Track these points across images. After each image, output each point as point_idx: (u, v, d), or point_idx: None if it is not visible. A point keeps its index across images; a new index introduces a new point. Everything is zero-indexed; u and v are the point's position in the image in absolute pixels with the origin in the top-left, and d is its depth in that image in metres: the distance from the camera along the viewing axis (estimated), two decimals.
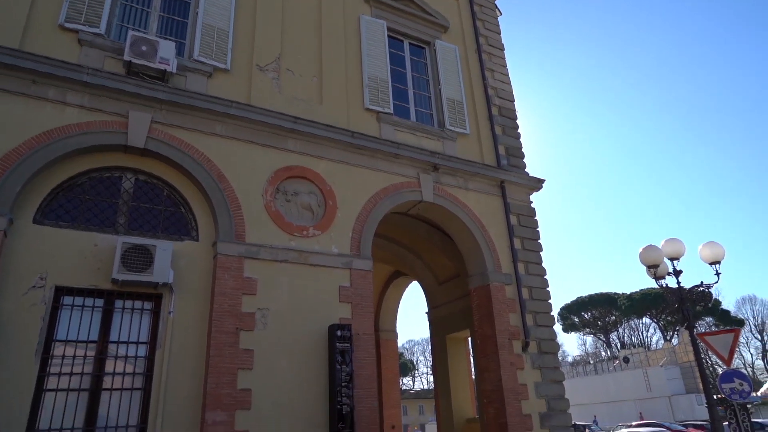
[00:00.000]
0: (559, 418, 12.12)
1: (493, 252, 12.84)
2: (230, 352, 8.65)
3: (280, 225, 10.05)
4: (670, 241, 11.00)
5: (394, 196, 11.90)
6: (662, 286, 11.14)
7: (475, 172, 13.28)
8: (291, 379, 9.11)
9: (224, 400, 8.30)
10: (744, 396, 9.67)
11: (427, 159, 12.51)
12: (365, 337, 10.09)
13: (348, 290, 10.24)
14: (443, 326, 15.38)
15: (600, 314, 74.28)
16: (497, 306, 12.29)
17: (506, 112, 15.10)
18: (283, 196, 10.42)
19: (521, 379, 11.91)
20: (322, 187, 10.86)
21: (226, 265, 9.14)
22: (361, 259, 10.65)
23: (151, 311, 8.69)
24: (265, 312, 9.23)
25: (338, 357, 9.28)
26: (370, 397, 9.71)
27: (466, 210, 12.89)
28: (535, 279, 13.28)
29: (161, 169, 9.49)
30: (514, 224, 13.56)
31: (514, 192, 13.94)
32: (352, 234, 10.84)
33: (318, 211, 10.69)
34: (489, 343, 12.14)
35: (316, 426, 9.01)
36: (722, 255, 10.82)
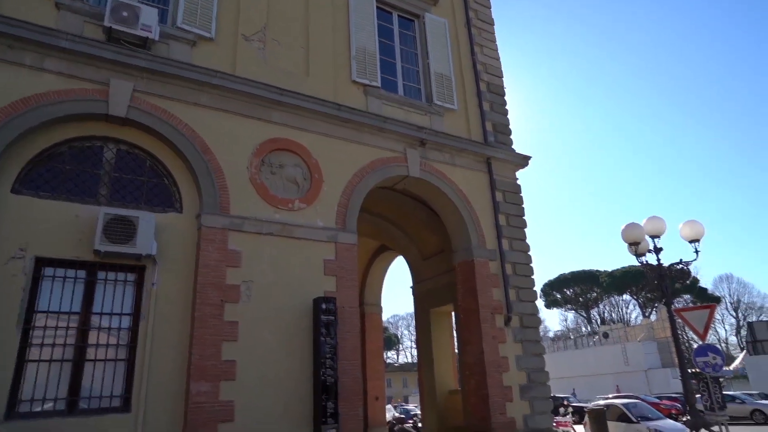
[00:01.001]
0: (538, 389, 12.41)
1: (478, 228, 12.93)
2: (215, 323, 8.67)
3: (265, 197, 9.98)
4: (652, 219, 11.15)
5: (380, 171, 11.86)
6: (643, 263, 11.33)
7: (462, 148, 13.26)
8: (276, 350, 9.17)
9: (209, 371, 8.35)
10: (717, 369, 9.98)
11: (414, 134, 12.44)
12: (350, 310, 10.16)
13: (333, 263, 10.27)
14: (427, 300, 15.55)
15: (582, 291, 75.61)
16: (481, 281, 12.43)
17: (494, 88, 15.03)
18: (268, 169, 10.33)
19: (503, 352, 12.14)
20: (308, 160, 10.78)
21: (210, 237, 9.09)
22: (346, 233, 10.66)
23: (135, 283, 8.64)
24: (249, 284, 9.23)
25: (323, 329, 9.35)
26: (354, 369, 9.83)
27: (452, 186, 12.91)
28: (518, 255, 13.42)
29: (144, 139, 9.33)
30: (500, 201, 13.63)
31: (501, 169, 13.97)
32: (338, 208, 10.81)
33: (303, 184, 10.63)
34: (472, 317, 12.32)
35: (300, 397, 9.13)
36: (702, 233, 11.01)
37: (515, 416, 11.76)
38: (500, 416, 11.48)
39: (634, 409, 15.00)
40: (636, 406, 15.49)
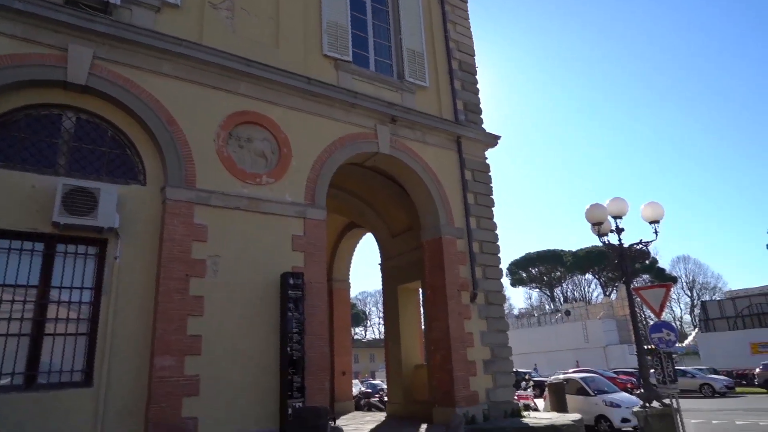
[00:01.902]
0: (501, 364, 12.76)
1: (446, 206, 13.03)
2: (180, 298, 8.56)
3: (232, 171, 9.81)
4: (615, 200, 11.41)
5: (350, 147, 11.78)
6: (605, 242, 11.63)
7: (433, 126, 13.27)
8: (242, 325, 9.14)
9: (173, 346, 8.27)
10: (670, 345, 10.41)
11: (385, 110, 12.37)
12: (317, 285, 10.17)
13: (301, 239, 10.22)
14: (395, 277, 15.68)
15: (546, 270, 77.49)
16: (448, 258, 12.59)
17: (466, 66, 15.02)
18: (236, 142, 10.14)
19: (468, 328, 12.39)
20: (277, 134, 10.61)
21: (175, 210, 8.91)
22: (315, 209, 10.60)
23: (96, 256, 8.42)
24: (216, 259, 9.12)
25: (290, 305, 9.35)
26: (321, 344, 9.89)
27: (422, 163, 12.94)
28: (486, 233, 13.62)
29: (105, 108, 9.00)
30: (469, 179, 13.75)
31: (470, 148, 14.05)
32: (307, 183, 10.72)
33: (272, 158, 10.48)
34: (439, 293, 12.50)
35: (267, 371, 9.14)
36: (661, 215, 11.34)
37: (478, 390, 12.08)
38: (464, 390, 11.77)
39: (591, 383, 15.60)
40: (594, 381, 16.10)
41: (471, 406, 11.73)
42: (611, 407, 14.22)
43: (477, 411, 11.76)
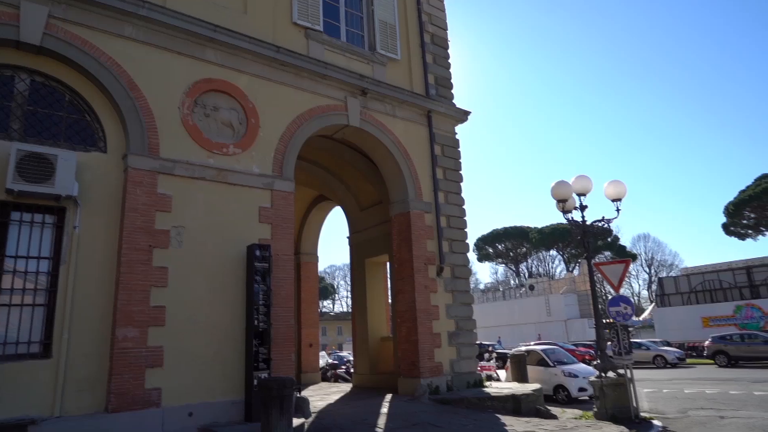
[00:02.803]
0: (465, 336, 13.04)
1: (415, 180, 13.07)
2: (143, 269, 8.40)
3: (197, 140, 9.57)
4: (580, 178, 11.66)
5: (320, 118, 11.62)
6: (569, 219, 11.90)
7: (404, 99, 13.19)
8: (208, 297, 9.05)
9: (136, 317, 8.15)
10: (626, 318, 10.82)
11: (356, 82, 12.21)
12: (285, 258, 10.12)
13: (268, 211, 10.11)
14: (363, 250, 15.74)
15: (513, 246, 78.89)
16: (416, 232, 12.68)
17: (438, 40, 14.89)
18: (201, 110, 9.87)
19: (434, 301, 12.59)
20: (245, 103, 10.38)
21: (137, 179, 8.67)
22: (283, 180, 10.48)
23: (54, 225, 8.16)
24: (180, 230, 8.96)
25: (256, 277, 9.30)
26: (288, 316, 9.90)
27: (391, 137, 12.89)
28: (453, 208, 13.74)
29: (62, 71, 8.61)
30: (438, 154, 13.78)
31: (440, 122, 14.05)
32: (275, 154, 10.57)
33: (239, 128, 10.26)
34: (406, 267, 12.62)
35: (232, 342, 9.12)
36: (624, 193, 11.64)
37: (443, 361, 12.35)
38: (428, 361, 12.02)
39: (551, 355, 16.12)
40: (554, 352, 16.64)
41: (435, 377, 12.00)
42: (569, 377, 14.76)
43: (441, 381, 12.04)
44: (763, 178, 52.72)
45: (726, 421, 9.81)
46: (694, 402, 12.94)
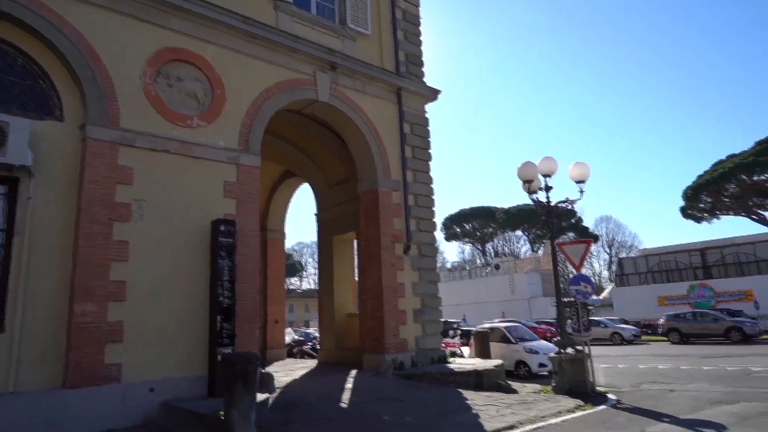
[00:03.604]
0: (430, 313, 13.23)
1: (384, 158, 13.03)
2: (102, 243, 8.17)
3: (160, 112, 9.29)
4: (546, 159, 11.83)
5: (288, 93, 11.41)
6: (534, 200, 12.10)
7: (374, 76, 13.06)
8: (171, 272, 8.89)
9: (95, 292, 7.95)
10: (586, 296, 11.16)
11: (326, 57, 12.01)
12: (250, 234, 10.00)
13: (234, 186, 9.94)
14: (331, 228, 15.69)
15: (480, 225, 79.95)
16: (384, 210, 12.70)
17: (410, 17, 14.73)
18: (164, 81, 9.55)
19: (400, 278, 12.69)
20: (210, 74, 10.09)
21: (97, 150, 8.37)
22: (249, 155, 10.29)
23: (6, 196, 7.83)
24: (142, 203, 8.72)
25: (221, 252, 9.17)
26: (253, 292, 9.83)
27: (361, 114, 12.78)
28: (421, 187, 13.79)
29: (14, 33, 8.16)
30: (407, 133, 13.75)
31: (410, 100, 13.99)
32: (241, 128, 10.35)
33: (204, 100, 9.99)
34: (373, 244, 12.66)
35: (196, 318, 9.01)
36: (587, 175, 11.89)
37: (408, 338, 12.52)
38: (393, 338, 12.17)
39: (514, 332, 16.53)
40: (516, 329, 17.07)
41: (400, 353, 12.17)
42: (530, 354, 15.19)
43: (405, 357, 12.22)
44: (720, 164, 54.57)
45: (675, 394, 10.29)
46: (647, 377, 13.51)
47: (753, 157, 51.15)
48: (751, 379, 12.15)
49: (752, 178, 51.66)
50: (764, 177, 51.42)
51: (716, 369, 14.38)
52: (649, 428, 7.25)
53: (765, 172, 51.20)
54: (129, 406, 7.93)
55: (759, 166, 50.89)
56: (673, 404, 9.16)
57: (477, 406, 8.92)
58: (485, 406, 8.90)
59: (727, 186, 53.55)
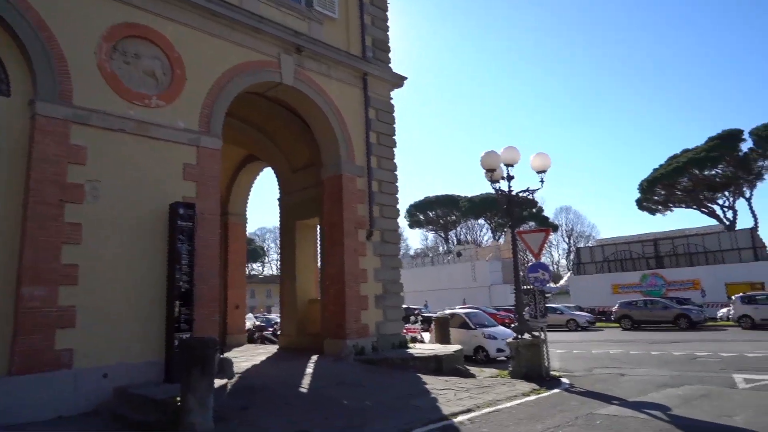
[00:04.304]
0: (392, 299, 13.33)
1: (348, 143, 12.96)
2: (53, 225, 7.87)
3: (116, 89, 8.95)
4: (508, 149, 11.99)
5: (252, 74, 11.18)
6: (496, 189, 12.27)
7: (340, 60, 12.92)
8: (127, 255, 8.65)
9: (45, 275, 7.67)
10: (544, 284, 11.45)
11: (291, 39, 11.80)
12: (210, 217, 9.81)
13: (193, 168, 9.71)
14: (294, 213, 15.55)
15: (443, 213, 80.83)
16: (347, 196, 12.66)
17: (378, 2, 14.60)
18: (121, 57, 9.20)
19: (362, 264, 12.72)
20: (170, 53, 9.77)
21: (47, 128, 8.02)
22: (210, 137, 10.05)
23: None
24: (96, 184, 8.43)
25: (180, 236, 8.98)
26: (212, 277, 9.67)
27: (326, 98, 12.65)
28: (386, 173, 13.80)
29: None
30: (372, 118, 13.70)
31: (376, 86, 13.93)
32: (202, 109, 10.09)
33: (163, 79, 9.68)
34: (336, 230, 12.62)
35: (153, 303, 8.81)
36: (548, 165, 12.11)
37: (369, 323, 12.60)
38: (355, 323, 12.22)
39: (473, 318, 16.83)
40: (475, 316, 17.38)
41: (361, 339, 12.23)
42: (489, 339, 15.51)
43: (366, 343, 12.30)
44: (675, 158, 56.65)
45: (625, 378, 10.71)
46: (600, 361, 14.01)
47: (705, 152, 53.31)
48: (695, 363, 12.76)
49: (703, 173, 53.91)
50: (715, 172, 53.75)
51: (664, 354, 15.02)
52: (599, 410, 7.53)
53: (715, 167, 53.51)
54: (81, 392, 7.72)
55: (710, 161, 53.12)
56: (622, 387, 9.54)
57: (435, 390, 9.07)
58: (444, 390, 9.07)
59: (680, 180, 55.73)
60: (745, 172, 52.62)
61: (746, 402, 7.84)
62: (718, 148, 52.48)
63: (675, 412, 7.25)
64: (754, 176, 53.05)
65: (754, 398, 8.11)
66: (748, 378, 9.94)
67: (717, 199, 55.99)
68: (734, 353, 14.30)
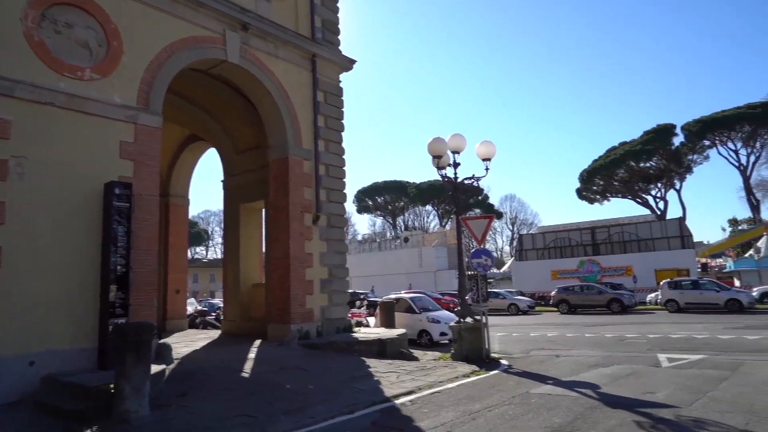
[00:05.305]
0: (338, 284, 13.32)
1: (295, 126, 12.74)
2: None
3: (45, 60, 8.39)
4: (455, 136, 12.13)
5: (194, 50, 10.75)
6: (442, 175, 12.41)
7: (288, 40, 12.62)
8: (57, 237, 8.19)
9: None
10: (486, 269, 11.72)
11: (237, 15, 11.41)
12: (149, 198, 9.42)
13: (131, 146, 9.27)
14: (238, 195, 15.18)
15: (392, 199, 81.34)
16: (294, 179, 12.48)
17: None
18: (51, 26, 8.62)
19: (308, 248, 12.61)
20: (105, 24, 9.24)
21: None
22: (149, 114, 9.61)
23: None
24: (21, 161, 7.90)
25: (116, 217, 8.57)
26: (150, 260, 9.32)
27: (272, 78, 12.35)
28: (333, 157, 13.68)
29: None
30: (321, 101, 13.52)
31: (325, 69, 13.72)
32: (141, 84, 9.62)
33: (98, 51, 9.15)
34: (282, 214, 12.43)
35: (85, 287, 8.40)
36: (493, 153, 12.35)
37: (314, 308, 12.55)
38: (300, 308, 12.13)
39: (418, 303, 17.08)
40: (420, 300, 17.64)
41: (306, 323, 12.18)
42: (432, 323, 15.79)
43: (311, 327, 12.26)
44: (613, 150, 59.25)
45: (560, 359, 11.19)
46: (537, 344, 14.57)
47: (641, 145, 56.05)
48: (624, 344, 13.49)
49: (639, 165, 56.73)
50: (649, 164, 56.68)
51: (597, 336, 15.80)
52: (535, 390, 7.84)
53: (650, 160, 56.43)
54: (4, 382, 7.30)
55: (645, 153, 55.93)
56: (557, 368, 9.96)
57: (379, 373, 9.16)
58: (387, 373, 9.18)
59: (618, 171, 58.44)
60: (677, 165, 55.77)
61: (668, 379, 8.36)
62: (652, 142, 55.30)
63: (604, 390, 7.65)
64: (684, 169, 56.34)
65: (675, 376, 8.67)
66: (671, 357, 10.62)
67: (650, 190, 59.14)
68: (660, 335, 15.23)
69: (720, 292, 24.98)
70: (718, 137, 54.28)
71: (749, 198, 54.76)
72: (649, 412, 6.28)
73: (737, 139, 53.90)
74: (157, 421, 6.24)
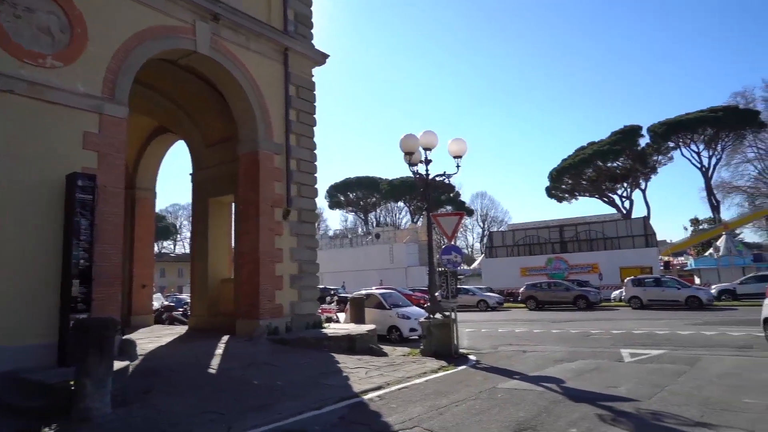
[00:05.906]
0: (308, 279, 13.25)
1: (266, 119, 12.60)
2: None
3: (4, 46, 8.09)
4: (427, 133, 12.17)
5: (163, 40, 10.52)
6: (414, 172, 12.45)
7: (260, 32, 12.46)
8: (15, 229, 7.92)
9: None
10: (456, 265, 11.83)
11: (208, 6, 11.22)
12: (114, 191, 9.19)
13: (95, 137, 9.01)
14: (207, 189, 14.93)
15: (363, 195, 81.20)
16: (264, 174, 12.35)
17: None
18: (10, 10, 8.30)
19: (278, 244, 12.51)
20: (69, 9, 8.95)
21: None
22: (114, 104, 9.36)
23: None
24: None
25: (78, 210, 8.32)
26: (114, 254, 9.10)
27: (244, 71, 12.18)
28: (305, 152, 13.58)
29: None
30: (293, 95, 13.40)
31: (297, 62, 13.59)
32: (106, 74, 9.37)
33: (61, 37, 8.86)
34: (251, 208, 12.29)
35: (45, 281, 8.14)
36: (465, 150, 12.44)
37: (283, 303, 12.46)
38: (269, 303, 12.03)
39: (388, 299, 17.15)
40: (390, 296, 17.71)
41: (275, 319, 12.08)
42: (402, 319, 15.87)
43: (280, 323, 12.17)
44: (581, 150, 60.44)
45: (527, 355, 11.39)
46: (505, 339, 14.79)
47: (608, 145, 57.34)
48: (589, 340, 13.81)
49: (606, 165, 58.05)
50: (616, 164, 58.06)
51: (563, 332, 16.13)
52: (502, 384, 7.96)
53: (617, 160, 57.80)
54: None
55: (613, 154, 57.25)
56: (524, 363, 10.13)
57: (348, 369, 9.16)
58: (356, 369, 9.18)
59: (586, 170, 59.68)
60: (642, 165, 57.27)
61: (630, 374, 8.60)
62: (619, 142, 56.62)
63: (568, 384, 7.81)
64: (649, 169, 57.91)
65: (637, 370, 8.92)
66: (633, 352, 10.92)
67: (617, 189, 60.60)
68: (623, 330, 15.63)
69: (681, 289, 25.77)
70: (682, 139, 55.90)
71: (710, 198, 56.63)
72: (610, 405, 6.45)
73: (700, 141, 55.61)
74: (120, 419, 6.11)
